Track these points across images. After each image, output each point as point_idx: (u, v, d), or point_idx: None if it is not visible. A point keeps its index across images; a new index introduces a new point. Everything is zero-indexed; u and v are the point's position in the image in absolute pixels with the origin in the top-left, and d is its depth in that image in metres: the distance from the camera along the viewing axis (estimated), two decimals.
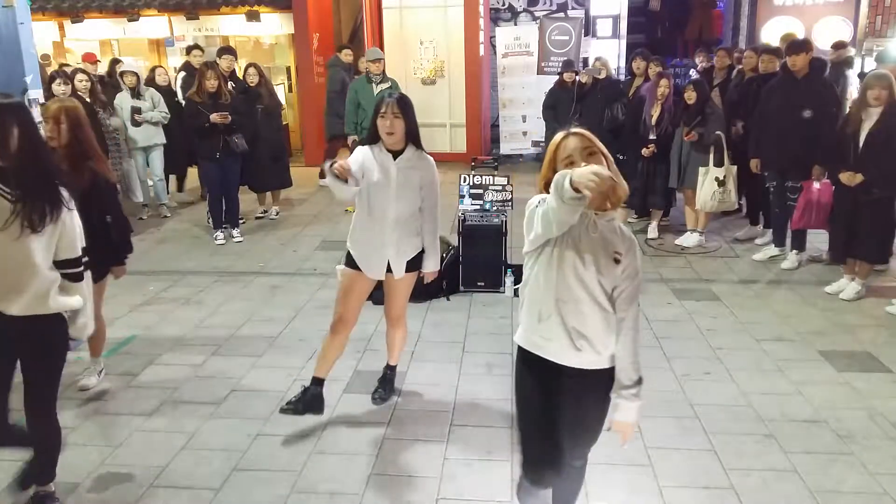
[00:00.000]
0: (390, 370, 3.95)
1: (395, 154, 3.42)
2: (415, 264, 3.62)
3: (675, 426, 3.58)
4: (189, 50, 8.85)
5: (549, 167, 2.28)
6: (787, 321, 4.90)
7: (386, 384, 3.92)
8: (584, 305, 2.24)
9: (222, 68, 7.45)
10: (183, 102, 8.00)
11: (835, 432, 3.50)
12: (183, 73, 8.71)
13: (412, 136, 3.44)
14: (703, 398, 3.86)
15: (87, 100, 6.97)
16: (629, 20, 11.95)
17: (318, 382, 3.63)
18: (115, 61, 9.42)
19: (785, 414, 3.68)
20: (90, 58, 9.64)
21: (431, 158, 3.54)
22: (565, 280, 2.23)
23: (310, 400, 3.59)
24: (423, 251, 3.62)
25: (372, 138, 3.44)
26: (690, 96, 6.28)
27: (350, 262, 3.54)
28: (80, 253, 2.75)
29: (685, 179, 6.49)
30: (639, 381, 2.34)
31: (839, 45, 7.72)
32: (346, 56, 9.20)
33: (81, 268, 2.77)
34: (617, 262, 2.23)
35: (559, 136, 2.27)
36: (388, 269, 3.55)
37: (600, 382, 2.36)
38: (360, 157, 3.39)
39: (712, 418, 3.64)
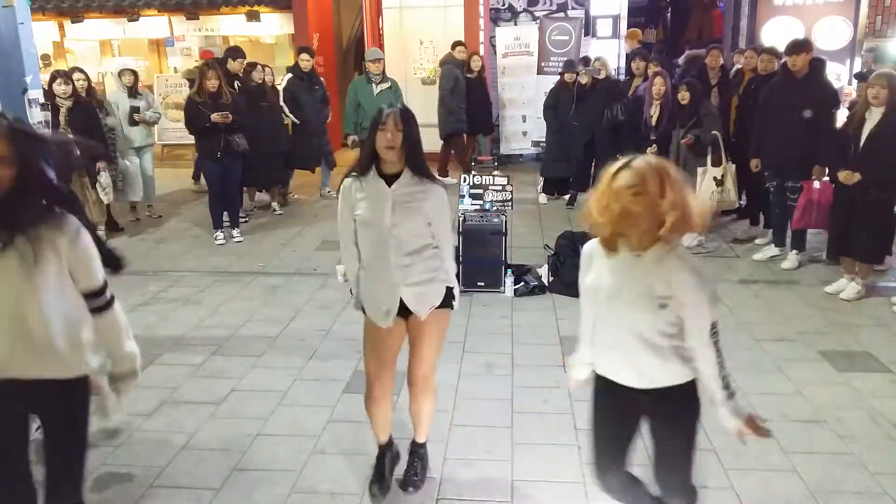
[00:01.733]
0: (419, 447, 3.18)
1: (390, 180, 2.77)
2: (443, 304, 2.94)
3: None
4: (299, 52, 8.62)
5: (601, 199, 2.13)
6: (787, 321, 4.90)
7: (417, 463, 3.15)
8: (636, 349, 2.24)
9: (233, 70, 7.49)
10: (285, 106, 8.14)
11: (835, 432, 3.50)
12: (289, 76, 8.49)
13: (412, 157, 2.77)
14: (703, 398, 3.84)
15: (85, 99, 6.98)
16: (629, 20, 11.95)
17: (385, 446, 3.13)
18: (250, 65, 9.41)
19: (785, 414, 3.68)
20: (209, 55, 9.63)
21: (440, 186, 2.84)
22: (613, 325, 2.28)
23: (390, 464, 3.15)
24: (449, 289, 2.95)
25: (364, 166, 2.81)
26: (684, 97, 6.27)
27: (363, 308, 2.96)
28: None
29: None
30: (729, 396, 2.37)
31: None
32: (460, 53, 9.16)
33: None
34: (663, 307, 2.14)
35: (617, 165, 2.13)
36: (404, 315, 2.89)
37: (674, 400, 2.36)
38: (343, 197, 2.87)
39: (712, 418, 3.63)
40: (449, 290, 2.94)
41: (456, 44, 9.35)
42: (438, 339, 2.99)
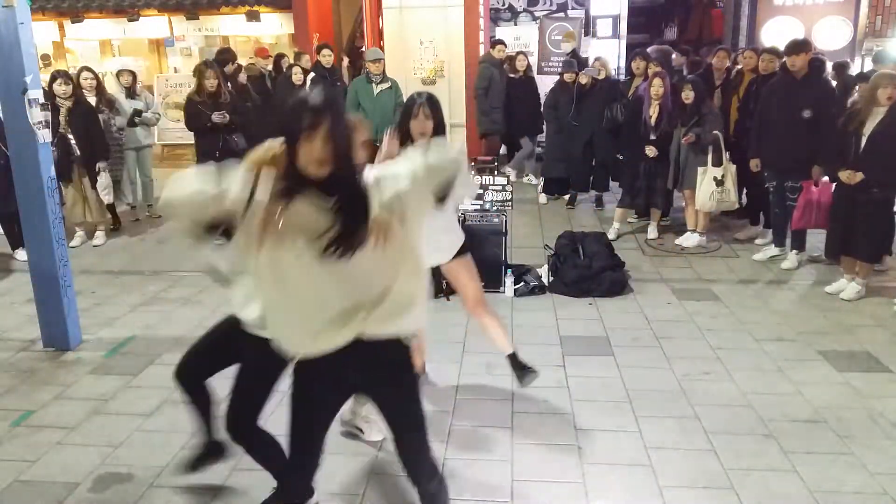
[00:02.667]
0: (511, 358, 3.83)
1: None
2: (463, 250, 3.66)
3: (675, 426, 3.57)
4: (319, 50, 8.70)
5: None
6: (787, 321, 4.90)
7: (520, 368, 3.83)
8: None
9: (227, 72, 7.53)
10: None
11: (835, 432, 3.50)
12: (312, 74, 8.53)
13: (439, 135, 3.43)
14: (703, 398, 3.85)
15: (92, 98, 6.98)
16: (629, 20, 11.96)
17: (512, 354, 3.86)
18: (280, 56, 9.35)
19: (785, 414, 3.68)
20: (262, 52, 9.65)
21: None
22: None
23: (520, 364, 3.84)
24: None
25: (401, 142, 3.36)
26: (688, 96, 6.27)
27: None
28: None
29: (684, 180, 6.49)
30: None
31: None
32: (499, 52, 9.07)
33: None
34: None
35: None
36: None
37: None
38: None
39: (712, 418, 3.64)
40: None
41: (495, 42, 9.22)
42: (471, 270, 3.69)
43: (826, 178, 5.60)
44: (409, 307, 2.15)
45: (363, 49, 10.46)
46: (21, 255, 6.16)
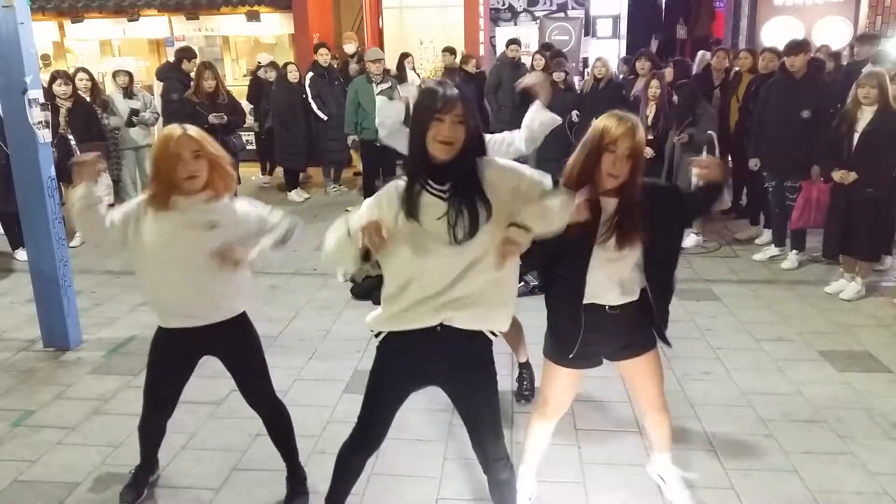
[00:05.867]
0: (523, 367, 4.04)
1: None
2: None
3: (675, 426, 3.56)
4: (316, 49, 8.75)
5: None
6: (787, 321, 4.90)
7: (525, 379, 3.98)
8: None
9: (188, 70, 7.58)
10: (313, 103, 8.37)
11: (835, 432, 3.50)
12: (311, 74, 8.60)
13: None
14: (703, 398, 3.85)
15: (87, 99, 6.98)
16: (629, 20, 11.97)
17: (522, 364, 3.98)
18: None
19: (785, 414, 3.68)
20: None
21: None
22: None
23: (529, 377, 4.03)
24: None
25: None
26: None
27: None
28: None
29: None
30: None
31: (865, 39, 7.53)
32: (513, 52, 8.98)
33: None
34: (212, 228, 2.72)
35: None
36: None
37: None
38: None
39: (712, 418, 3.64)
40: None
41: (509, 42, 9.21)
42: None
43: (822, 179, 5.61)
44: (497, 305, 2.26)
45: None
46: (21, 255, 6.16)
